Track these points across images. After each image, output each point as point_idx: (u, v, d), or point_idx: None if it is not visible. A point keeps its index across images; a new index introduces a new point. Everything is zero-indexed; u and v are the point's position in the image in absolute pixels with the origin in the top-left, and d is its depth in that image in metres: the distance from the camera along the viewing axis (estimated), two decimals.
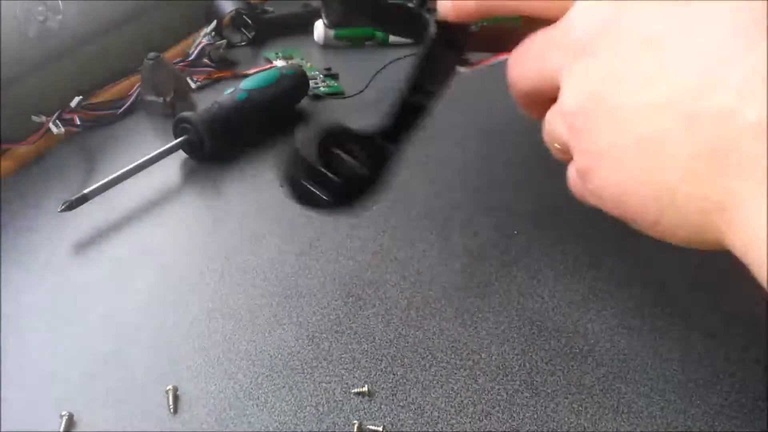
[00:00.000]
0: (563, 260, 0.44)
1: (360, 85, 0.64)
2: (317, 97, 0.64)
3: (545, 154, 0.26)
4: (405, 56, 0.61)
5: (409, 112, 0.29)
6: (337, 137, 0.29)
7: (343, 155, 0.28)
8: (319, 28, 0.76)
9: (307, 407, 0.34)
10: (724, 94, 0.18)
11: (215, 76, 0.68)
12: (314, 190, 0.28)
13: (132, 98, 0.61)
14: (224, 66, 0.70)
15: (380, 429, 0.33)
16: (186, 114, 0.54)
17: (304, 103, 0.63)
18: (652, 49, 0.20)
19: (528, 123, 0.28)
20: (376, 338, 0.38)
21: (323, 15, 0.38)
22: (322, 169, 0.28)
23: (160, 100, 0.60)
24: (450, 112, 0.60)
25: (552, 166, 0.27)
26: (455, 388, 0.35)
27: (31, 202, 0.49)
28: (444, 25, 0.28)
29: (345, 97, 0.64)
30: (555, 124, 0.24)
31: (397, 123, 0.29)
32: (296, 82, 0.61)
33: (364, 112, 0.62)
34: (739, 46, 0.18)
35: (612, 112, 0.21)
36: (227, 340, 0.38)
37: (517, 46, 0.26)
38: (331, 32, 0.76)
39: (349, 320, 0.40)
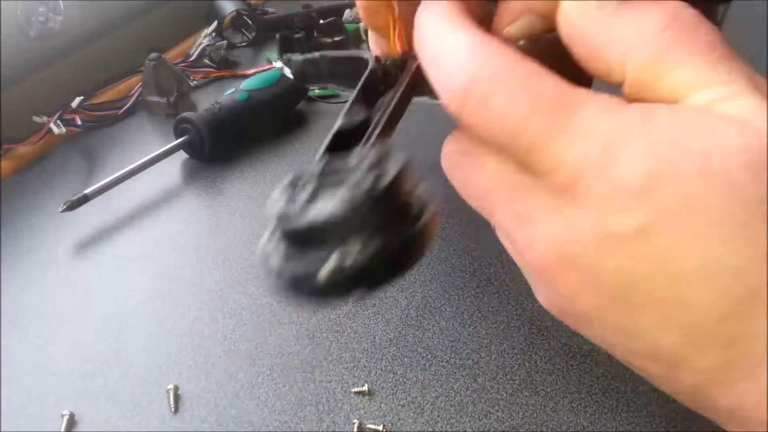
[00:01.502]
0: None
1: None
2: (311, 99, 0.64)
3: None
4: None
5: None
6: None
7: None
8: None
9: (307, 406, 0.34)
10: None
11: (212, 75, 0.68)
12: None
13: (133, 99, 0.61)
14: (225, 66, 0.70)
15: (380, 428, 0.33)
16: (187, 114, 0.54)
17: (300, 104, 0.63)
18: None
19: None
20: (376, 338, 0.38)
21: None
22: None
23: (163, 100, 0.60)
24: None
25: None
26: (455, 387, 0.36)
27: (32, 203, 0.49)
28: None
29: (339, 102, 0.64)
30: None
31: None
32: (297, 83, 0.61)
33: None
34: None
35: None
36: (228, 339, 0.38)
37: None
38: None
39: (349, 320, 0.40)
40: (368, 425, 0.33)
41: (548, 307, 0.21)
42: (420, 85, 0.23)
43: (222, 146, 0.54)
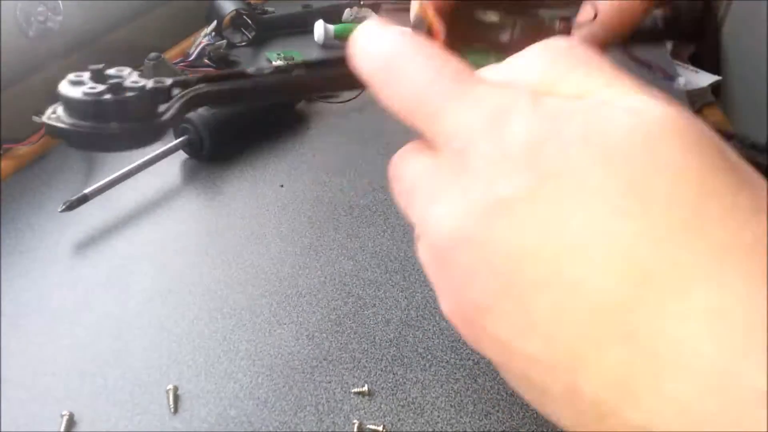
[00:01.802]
0: None
1: None
2: (311, 99, 0.64)
3: None
4: None
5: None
6: None
7: None
8: (320, 28, 0.76)
9: (307, 407, 0.34)
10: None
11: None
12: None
13: None
14: (224, 66, 0.70)
15: (380, 428, 0.33)
16: (187, 114, 0.54)
17: (300, 104, 0.63)
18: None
19: None
20: (376, 338, 0.38)
21: None
22: None
23: None
24: None
25: None
26: (455, 387, 0.36)
27: (31, 202, 0.49)
28: None
29: (339, 102, 0.64)
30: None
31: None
32: None
33: (355, 115, 0.62)
34: None
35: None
36: (227, 339, 0.38)
37: None
38: (332, 32, 0.76)
39: (349, 320, 0.40)
40: (368, 425, 0.33)
41: (448, 310, 0.19)
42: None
43: (221, 146, 0.54)
